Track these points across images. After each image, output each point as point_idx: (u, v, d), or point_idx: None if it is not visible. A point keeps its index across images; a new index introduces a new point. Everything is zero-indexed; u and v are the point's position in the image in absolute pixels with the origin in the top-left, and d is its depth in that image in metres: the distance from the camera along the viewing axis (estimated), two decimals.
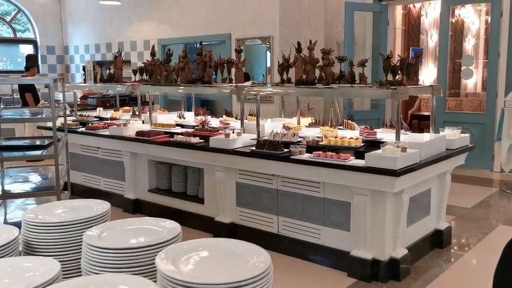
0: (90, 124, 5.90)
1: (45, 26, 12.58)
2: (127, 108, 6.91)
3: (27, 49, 12.54)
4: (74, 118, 6.48)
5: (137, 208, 5.58)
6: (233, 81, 5.45)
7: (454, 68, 11.05)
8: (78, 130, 5.91)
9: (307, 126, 5.13)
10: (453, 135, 4.38)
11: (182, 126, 5.58)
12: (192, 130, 5.17)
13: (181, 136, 4.91)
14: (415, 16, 12.36)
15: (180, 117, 5.74)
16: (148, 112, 6.43)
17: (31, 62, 8.93)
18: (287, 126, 4.72)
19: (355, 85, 4.52)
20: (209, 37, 9.80)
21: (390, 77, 4.20)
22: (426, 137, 4.24)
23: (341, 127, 4.90)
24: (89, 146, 6.04)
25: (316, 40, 4.55)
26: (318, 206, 4.07)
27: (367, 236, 3.74)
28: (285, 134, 4.44)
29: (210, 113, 6.41)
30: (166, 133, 5.29)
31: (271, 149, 4.20)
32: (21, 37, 12.44)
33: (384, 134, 4.38)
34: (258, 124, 4.73)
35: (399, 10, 11.58)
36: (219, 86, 5.00)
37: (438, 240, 4.43)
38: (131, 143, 5.33)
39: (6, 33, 12.16)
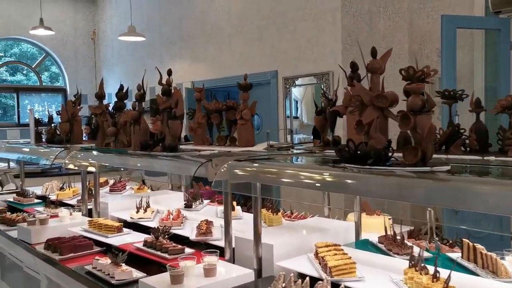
0: (6, 214, 3.54)
1: (76, 72, 10.93)
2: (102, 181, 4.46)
3: (55, 99, 10.92)
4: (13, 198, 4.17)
5: None
6: (237, 142, 2.90)
7: None
8: None
9: (377, 247, 2.33)
10: None
11: (137, 227, 3.02)
12: (140, 242, 2.59)
13: (102, 261, 2.34)
14: None
15: (138, 209, 3.17)
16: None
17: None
18: (323, 257, 1.96)
19: (497, 157, 1.77)
20: (251, 77, 7.37)
21: None
22: None
23: (460, 258, 2.05)
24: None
25: (390, 49, 1.86)
26: None
27: None
28: None
29: (215, 199, 3.79)
30: (98, 244, 2.76)
31: None
32: (48, 86, 10.84)
33: None
34: (256, 245, 2.05)
35: None
36: (184, 155, 2.39)
37: None
38: (37, 260, 2.85)
39: (31, 80, 10.65)
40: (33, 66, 10.54)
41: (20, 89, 10.38)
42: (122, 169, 3.01)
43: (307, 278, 1.73)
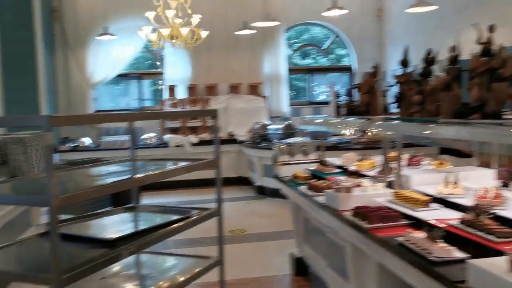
0: (311, 181, 3.80)
1: (361, 50, 11.14)
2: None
3: (340, 79, 11.42)
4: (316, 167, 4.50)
5: None
6: None
7: None
8: (297, 187, 3.91)
9: None
10: None
11: (443, 203, 2.77)
12: (454, 219, 2.35)
13: (415, 235, 2.20)
14: None
15: (447, 184, 2.90)
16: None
17: None
18: None
19: None
20: None
21: None
22: None
23: None
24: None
25: None
26: None
27: None
28: None
29: None
30: (406, 217, 2.65)
31: None
32: (336, 65, 11.41)
33: None
34: None
35: None
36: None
37: None
38: (343, 226, 2.93)
39: (318, 63, 11.38)
40: (323, 48, 11.24)
41: (313, 70, 11.25)
42: (427, 140, 2.81)
43: None
